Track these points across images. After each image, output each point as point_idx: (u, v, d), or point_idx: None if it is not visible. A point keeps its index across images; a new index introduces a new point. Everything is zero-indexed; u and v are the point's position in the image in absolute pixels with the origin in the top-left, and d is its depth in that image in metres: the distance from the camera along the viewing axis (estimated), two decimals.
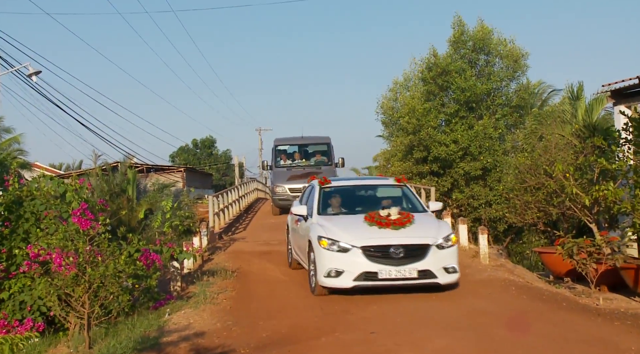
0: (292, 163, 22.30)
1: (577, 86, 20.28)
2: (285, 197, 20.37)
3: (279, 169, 21.86)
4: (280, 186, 20.93)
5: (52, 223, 9.00)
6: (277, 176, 21.61)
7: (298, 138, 23.42)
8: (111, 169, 27.53)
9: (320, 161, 22.21)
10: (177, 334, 7.70)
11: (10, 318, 8.31)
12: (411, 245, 8.71)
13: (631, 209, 9.77)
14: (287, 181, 20.78)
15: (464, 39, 26.92)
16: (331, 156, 22.35)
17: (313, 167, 21.63)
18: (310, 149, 22.94)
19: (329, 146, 22.74)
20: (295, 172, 21.34)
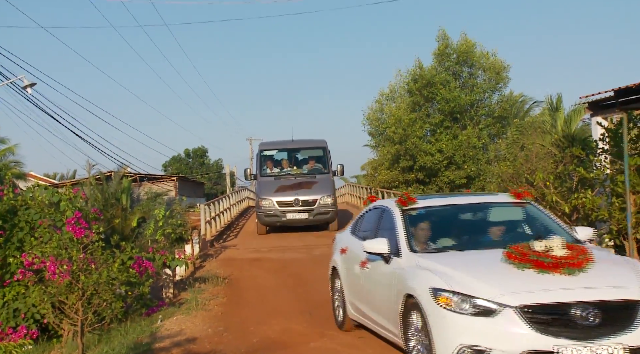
0: (280, 172, 18.56)
1: (557, 98, 20.50)
2: (272, 212, 17.07)
3: (265, 179, 18.01)
4: (266, 199, 17.20)
5: (46, 232, 8.96)
6: (263, 187, 17.73)
7: (287, 142, 19.38)
8: (105, 178, 27.38)
9: (315, 169, 18.56)
10: (170, 340, 7.67)
11: (5, 326, 8.24)
12: (609, 302, 4.88)
13: (608, 216, 9.85)
14: (275, 193, 17.23)
15: (449, 52, 27.17)
16: (328, 162, 18.58)
17: (306, 176, 18.10)
18: (302, 155, 19.30)
19: (325, 151, 18.87)
20: (284, 182, 17.75)
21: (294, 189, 17.13)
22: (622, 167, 9.44)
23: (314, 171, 18.46)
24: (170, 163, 63.51)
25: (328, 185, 17.78)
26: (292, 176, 18.18)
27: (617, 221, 9.65)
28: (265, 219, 17.39)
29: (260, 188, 17.92)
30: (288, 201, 17.00)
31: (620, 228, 9.61)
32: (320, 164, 18.68)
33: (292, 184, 17.57)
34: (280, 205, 17.05)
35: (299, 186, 17.30)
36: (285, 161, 18.92)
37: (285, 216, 17.08)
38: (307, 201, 17.14)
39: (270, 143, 20.03)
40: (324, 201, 17.21)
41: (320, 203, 17.16)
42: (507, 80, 26.97)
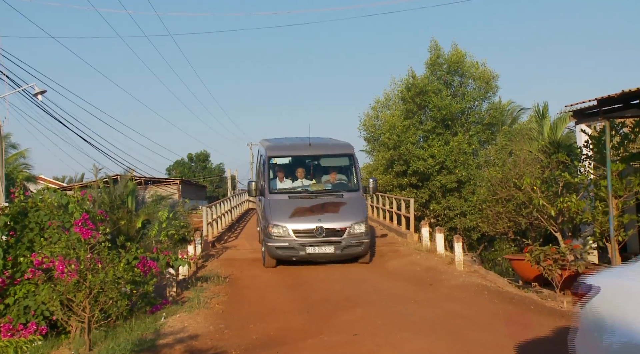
0: (295, 185, 13.26)
1: (543, 106, 20.57)
2: (287, 244, 12.00)
3: (277, 198, 12.73)
4: (279, 226, 12.07)
5: (55, 233, 8.96)
6: (274, 209, 12.42)
7: (303, 145, 13.81)
8: (112, 181, 27.35)
9: (340, 183, 13.25)
10: (173, 336, 7.67)
11: (15, 322, 8.22)
12: None
13: (592, 219, 9.91)
14: (291, 217, 12.14)
15: (440, 62, 27.24)
16: (356, 175, 13.27)
17: (330, 194, 12.79)
18: (323, 163, 13.97)
19: (352, 160, 13.50)
20: (302, 202, 12.53)
21: (316, 212, 12.10)
22: (605, 173, 9.50)
23: (339, 186, 13.08)
24: (174, 167, 63.46)
25: (360, 207, 12.50)
26: (312, 193, 12.83)
27: (600, 224, 9.71)
28: (277, 253, 12.13)
29: (270, 210, 12.35)
30: (308, 230, 11.86)
31: (604, 230, 9.67)
32: (345, 176, 13.43)
33: (312, 206, 12.28)
34: (298, 235, 11.92)
35: (322, 209, 12.15)
36: (302, 170, 13.45)
37: (304, 249, 11.89)
38: (334, 229, 11.92)
39: (281, 147, 14.10)
40: (355, 230, 12.01)
41: (350, 232, 11.95)
42: (496, 89, 27.05)
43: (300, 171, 13.41)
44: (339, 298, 9.34)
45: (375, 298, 9.20)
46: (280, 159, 13.53)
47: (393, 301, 8.98)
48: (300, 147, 13.75)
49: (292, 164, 13.52)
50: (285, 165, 13.53)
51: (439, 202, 24.82)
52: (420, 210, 24.14)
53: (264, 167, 13.21)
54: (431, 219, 23.25)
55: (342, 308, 8.72)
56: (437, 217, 24.71)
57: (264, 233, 12.61)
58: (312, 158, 13.65)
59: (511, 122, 29.42)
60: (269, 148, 13.68)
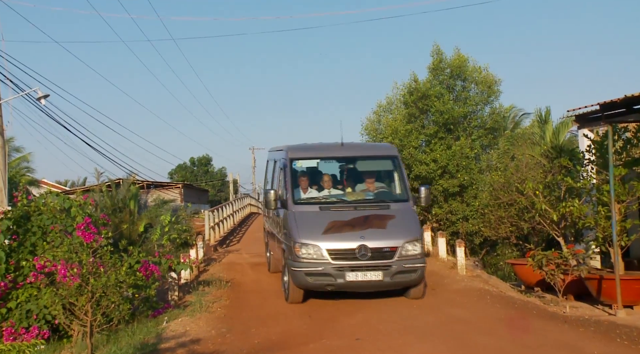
0: (327, 196, 10.11)
1: (545, 111, 20.59)
2: (321, 269, 8.93)
3: (304, 209, 9.70)
4: (309, 245, 9.05)
5: (57, 237, 8.97)
6: (301, 223, 9.41)
7: (334, 146, 10.91)
8: (114, 185, 27.40)
9: (383, 192, 10.31)
10: (175, 340, 7.67)
11: (18, 326, 8.23)
12: None
13: (594, 224, 9.89)
14: (325, 234, 9.14)
15: (442, 66, 27.24)
16: (403, 181, 10.34)
17: (372, 205, 9.81)
18: (360, 168, 10.73)
19: (397, 163, 10.61)
20: (338, 215, 9.52)
21: (357, 227, 9.20)
22: (607, 177, 9.48)
23: (383, 195, 10.20)
24: (176, 171, 63.53)
25: (412, 221, 9.67)
26: (350, 204, 9.80)
27: (602, 229, 9.69)
28: (306, 281, 9.00)
29: (296, 225, 9.30)
30: (348, 250, 8.92)
31: (606, 235, 9.64)
32: (388, 183, 10.53)
33: (352, 220, 9.35)
34: (335, 256, 8.91)
35: (364, 223, 9.28)
36: (331, 177, 10.44)
37: (343, 276, 8.85)
38: (381, 250, 8.98)
39: (305, 148, 11.06)
40: (408, 251, 9.10)
41: (402, 254, 9.05)
42: (498, 93, 27.01)
43: (330, 177, 10.34)
44: (341, 302, 9.33)
45: (377, 302, 9.19)
46: (305, 162, 10.55)
47: (395, 306, 8.97)
48: (330, 148, 10.92)
49: (319, 169, 10.61)
50: (311, 170, 10.59)
51: (441, 207, 24.79)
52: (422, 214, 24.14)
53: (285, 174, 10.16)
54: (433, 224, 23.22)
55: (344, 312, 8.71)
56: (440, 221, 24.69)
57: (286, 256, 9.31)
58: (345, 161, 10.69)
59: (513, 126, 29.42)
60: (292, 150, 10.61)
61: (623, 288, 8.53)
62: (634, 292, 8.86)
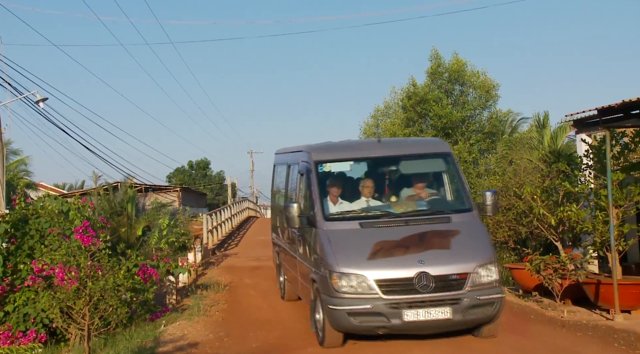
0: (366, 208, 7.76)
1: (543, 116, 20.59)
2: (369, 307, 6.62)
3: (339, 227, 7.26)
4: (350, 275, 6.71)
5: (55, 240, 8.97)
6: (338, 246, 7.00)
7: (369, 144, 9.50)
8: (112, 188, 27.36)
9: (439, 200, 8.06)
10: (172, 344, 7.66)
11: (15, 330, 8.22)
12: None
13: (592, 228, 9.89)
14: (372, 260, 6.82)
15: (441, 71, 27.32)
16: (462, 186, 8.03)
17: (429, 218, 7.48)
18: (405, 170, 8.37)
19: (450, 162, 8.23)
20: (386, 233, 7.16)
21: (412, 249, 6.97)
22: (605, 182, 9.51)
23: (438, 203, 7.93)
24: (174, 174, 63.47)
25: (481, 237, 7.40)
26: (398, 217, 7.49)
27: (600, 233, 9.70)
28: (349, 323, 6.76)
29: (332, 248, 7.01)
30: (404, 280, 6.75)
31: (604, 240, 9.65)
32: (441, 189, 8.19)
33: (403, 239, 7.09)
34: (387, 289, 6.71)
35: (420, 243, 7.07)
36: (370, 182, 8.01)
37: (399, 314, 6.65)
38: (447, 278, 6.83)
39: (333, 147, 8.74)
40: (482, 278, 6.94)
41: (475, 282, 6.87)
42: (497, 98, 27.12)
43: (370, 183, 7.91)
44: None
45: None
46: (335, 166, 8.06)
47: None
48: (364, 146, 9.01)
49: (353, 173, 8.27)
50: (342, 176, 8.15)
51: None
52: None
53: (308, 181, 7.77)
54: None
55: None
56: None
57: (319, 289, 7.04)
58: (385, 162, 8.28)
59: (511, 131, 29.46)
60: (316, 150, 8.21)
61: (621, 293, 8.54)
62: (632, 297, 8.87)
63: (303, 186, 8.10)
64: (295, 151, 9.13)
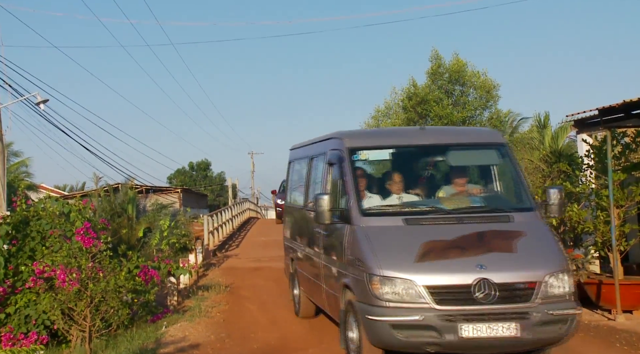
0: (410, 202, 6.63)
1: (544, 116, 20.58)
2: (418, 319, 5.42)
3: (379, 223, 6.12)
4: (395, 280, 5.53)
5: (56, 241, 8.98)
6: (378, 244, 5.85)
7: (412, 132, 8.05)
8: (112, 190, 27.39)
9: (496, 197, 7.00)
10: (174, 346, 7.66)
11: (16, 331, 8.22)
12: None
13: (593, 228, 9.88)
14: (421, 262, 5.66)
15: (441, 71, 27.35)
16: (521, 181, 6.74)
17: (485, 216, 6.26)
18: (453, 161, 7.04)
19: (505, 154, 6.95)
20: (435, 231, 6.00)
21: (469, 250, 5.81)
22: (606, 182, 9.50)
23: (495, 201, 6.95)
24: (174, 176, 63.51)
25: (549, 241, 6.22)
26: (450, 214, 6.31)
27: (601, 234, 9.69)
28: (393, 337, 5.52)
29: (372, 247, 5.87)
30: (461, 287, 5.54)
31: (605, 240, 9.65)
32: (488, 184, 7.24)
33: (459, 239, 5.93)
34: (441, 297, 5.51)
35: (479, 244, 5.90)
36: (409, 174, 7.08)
37: (455, 329, 5.42)
38: (513, 287, 5.63)
39: (370, 134, 8.68)
40: (553, 288, 5.72)
41: (545, 293, 5.66)
42: (497, 98, 27.16)
43: (397, 177, 6.86)
44: None
45: None
46: (373, 154, 6.97)
47: None
48: (406, 133, 7.96)
49: (392, 164, 7.18)
50: (379, 166, 7.53)
51: None
52: None
53: (341, 171, 6.73)
54: None
55: None
56: None
57: (354, 296, 5.97)
58: (431, 151, 7.17)
59: (512, 131, 29.48)
60: (350, 137, 7.17)
61: (622, 293, 8.53)
62: (633, 297, 8.86)
63: (332, 178, 7.00)
64: (322, 140, 7.99)
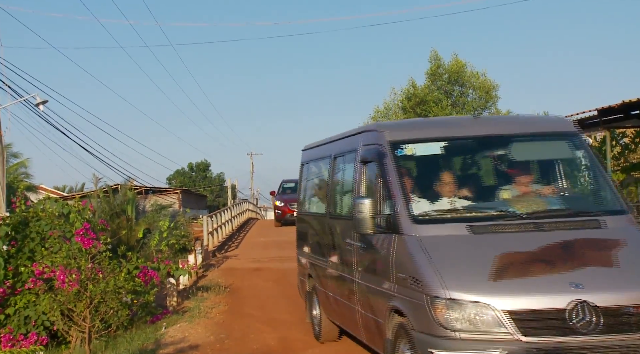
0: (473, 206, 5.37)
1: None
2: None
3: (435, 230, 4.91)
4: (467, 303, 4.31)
5: (56, 242, 8.97)
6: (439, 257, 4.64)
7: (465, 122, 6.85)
8: (112, 191, 27.39)
9: (577, 198, 5.81)
10: (173, 346, 7.67)
11: (16, 332, 8.21)
12: None
13: None
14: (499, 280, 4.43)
15: (440, 72, 27.40)
16: (603, 177, 5.53)
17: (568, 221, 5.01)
18: (518, 155, 5.65)
19: (580, 146, 5.70)
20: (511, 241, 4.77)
21: (557, 265, 4.52)
22: None
23: (577, 202, 5.70)
24: (174, 176, 63.54)
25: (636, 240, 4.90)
26: (524, 219, 5.03)
27: None
28: None
29: (431, 260, 4.63)
30: (552, 311, 4.22)
31: None
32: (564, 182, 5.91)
33: (541, 250, 4.66)
34: (526, 327, 4.20)
35: (569, 256, 4.63)
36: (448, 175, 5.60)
37: None
38: (619, 311, 4.28)
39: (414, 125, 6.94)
40: None
41: None
42: (497, 98, 27.22)
43: (448, 177, 5.61)
44: None
45: None
46: (420, 148, 5.66)
47: None
48: (459, 123, 6.55)
49: (442, 160, 5.91)
50: (428, 163, 5.85)
51: None
52: None
53: (382, 170, 5.54)
54: None
55: None
56: None
57: (411, 325, 4.75)
58: (491, 144, 5.92)
59: None
60: (391, 128, 6.07)
61: None
62: None
63: (367, 179, 5.93)
64: (349, 135, 6.74)
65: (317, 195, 8.07)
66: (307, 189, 8.61)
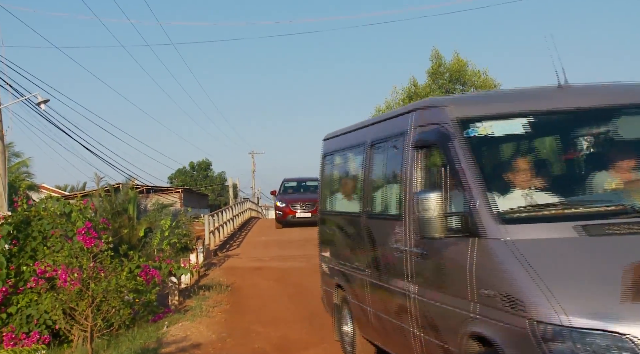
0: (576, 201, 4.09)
1: None
2: None
3: (532, 233, 3.67)
4: (592, 333, 3.08)
5: (58, 241, 8.98)
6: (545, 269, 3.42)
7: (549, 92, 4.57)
8: (114, 190, 27.41)
9: None
10: (175, 345, 7.69)
11: (18, 331, 8.24)
12: None
13: None
14: (634, 300, 3.17)
15: (442, 71, 27.38)
16: None
17: None
18: (625, 133, 4.40)
19: None
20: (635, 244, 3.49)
21: None
22: None
23: None
24: (175, 175, 63.58)
25: None
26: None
27: None
28: None
29: (535, 274, 3.41)
30: None
31: None
32: None
33: None
34: None
35: None
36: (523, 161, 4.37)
37: None
38: None
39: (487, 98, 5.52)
40: None
41: None
42: None
43: (545, 159, 4.90)
44: None
45: None
46: (499, 126, 4.37)
47: None
48: (544, 94, 4.71)
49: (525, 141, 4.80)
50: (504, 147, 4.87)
51: None
52: None
53: (447, 156, 4.30)
54: None
55: None
56: None
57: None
58: (588, 119, 4.61)
59: None
60: (459, 104, 4.72)
61: None
62: None
63: (424, 169, 4.74)
64: (394, 116, 5.58)
65: (346, 191, 6.78)
66: (332, 185, 7.35)
